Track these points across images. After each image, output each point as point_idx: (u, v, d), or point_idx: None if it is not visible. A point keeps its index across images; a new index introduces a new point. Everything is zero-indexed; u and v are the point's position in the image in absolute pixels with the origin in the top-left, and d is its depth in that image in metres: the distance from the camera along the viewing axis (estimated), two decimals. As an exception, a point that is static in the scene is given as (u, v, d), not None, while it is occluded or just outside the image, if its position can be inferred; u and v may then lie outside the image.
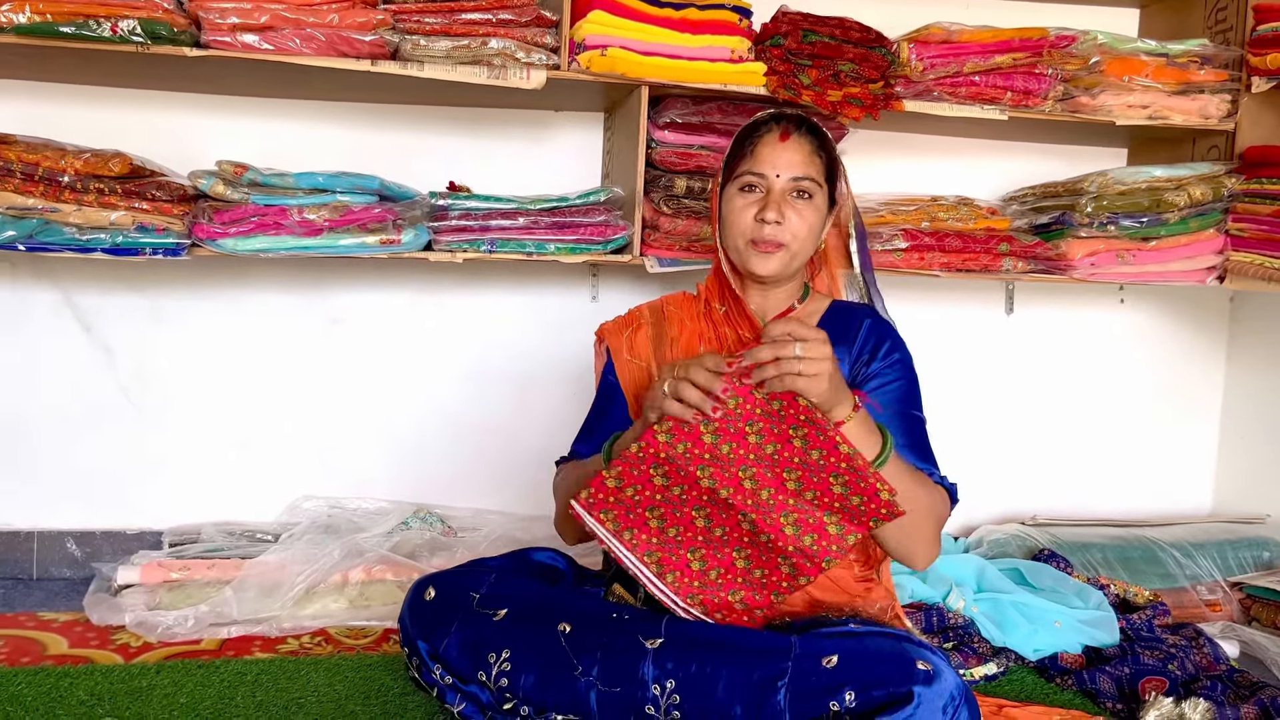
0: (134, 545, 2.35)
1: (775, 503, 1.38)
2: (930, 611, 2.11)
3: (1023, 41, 2.33)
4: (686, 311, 1.72)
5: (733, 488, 1.37)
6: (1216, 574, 2.49)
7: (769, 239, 1.58)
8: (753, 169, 1.60)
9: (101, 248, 1.95)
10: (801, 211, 1.59)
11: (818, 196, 1.61)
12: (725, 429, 1.35)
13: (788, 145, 1.60)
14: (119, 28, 1.91)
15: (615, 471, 1.38)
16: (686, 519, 1.42)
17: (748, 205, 1.60)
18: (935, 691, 1.31)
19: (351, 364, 2.48)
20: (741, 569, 1.43)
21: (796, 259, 1.62)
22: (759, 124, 1.63)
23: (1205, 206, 2.42)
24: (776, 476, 1.37)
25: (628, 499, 1.40)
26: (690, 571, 1.44)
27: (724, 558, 1.43)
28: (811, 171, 1.60)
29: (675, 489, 1.39)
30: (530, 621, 1.54)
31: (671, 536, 1.43)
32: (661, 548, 1.43)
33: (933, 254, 2.36)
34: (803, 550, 1.38)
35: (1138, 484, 2.89)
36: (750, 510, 1.38)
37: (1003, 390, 2.82)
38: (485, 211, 2.18)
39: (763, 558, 1.42)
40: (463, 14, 2.08)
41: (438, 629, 1.58)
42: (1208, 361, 2.90)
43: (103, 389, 2.36)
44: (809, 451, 1.34)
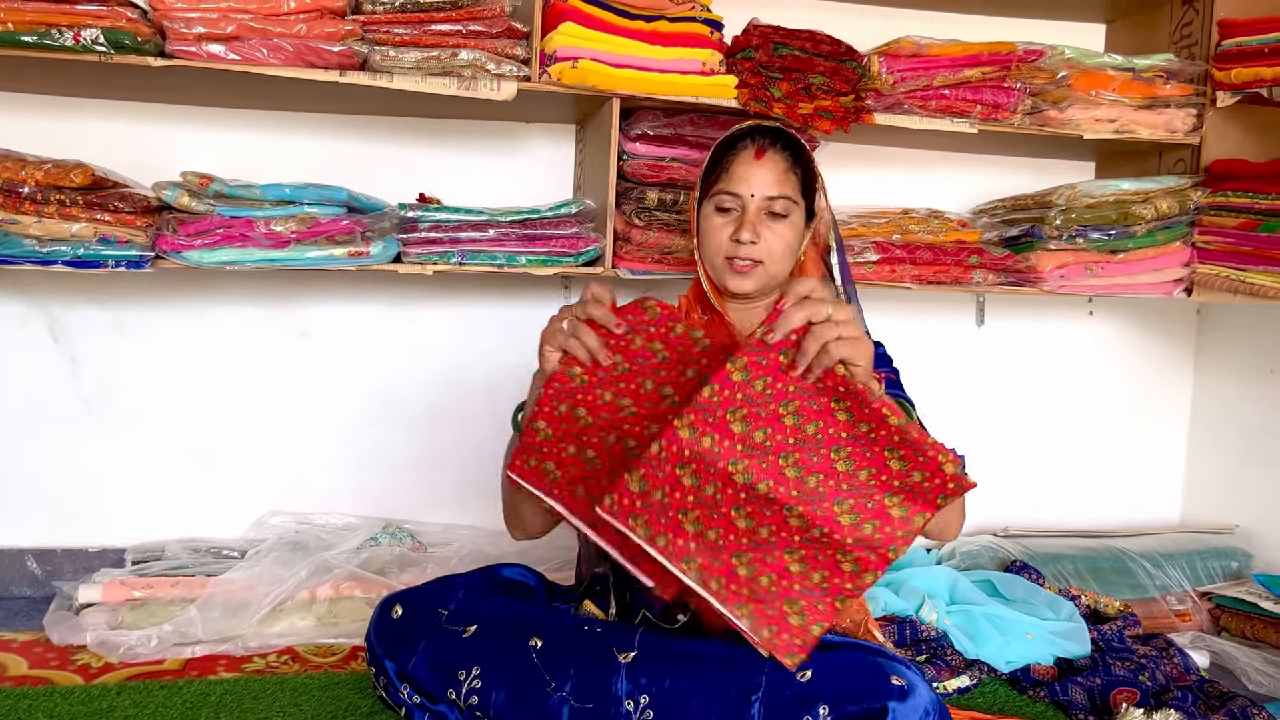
0: (96, 563, 2.30)
1: (826, 489, 1.22)
2: (903, 624, 2.11)
3: (991, 56, 2.34)
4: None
5: (773, 479, 1.22)
6: (1186, 584, 2.51)
7: (745, 257, 1.58)
8: (728, 188, 1.60)
9: (63, 260, 1.92)
10: (776, 230, 1.60)
11: (794, 213, 1.61)
12: (755, 414, 1.21)
13: (762, 163, 1.60)
14: (81, 37, 1.88)
15: (638, 475, 1.23)
16: (726, 520, 1.26)
17: (724, 224, 1.60)
18: (909, 706, 1.31)
19: (319, 377, 2.45)
20: (797, 573, 1.26)
21: (774, 276, 1.62)
22: (735, 139, 1.63)
23: (1172, 219, 2.44)
24: (824, 459, 1.22)
25: (656, 503, 1.24)
26: (737, 578, 1.26)
27: (775, 562, 1.26)
28: (786, 189, 1.60)
29: (708, 488, 1.25)
30: (500, 638, 1.52)
31: (712, 540, 1.26)
32: (702, 552, 1.26)
33: (904, 266, 2.37)
34: (864, 541, 1.22)
35: (1108, 495, 2.91)
36: (797, 502, 1.22)
37: (974, 402, 2.83)
38: (455, 223, 2.16)
39: (819, 557, 1.25)
40: (433, 25, 2.07)
41: (405, 647, 1.57)
42: (1176, 372, 2.93)
43: (65, 402, 2.32)
44: (857, 425, 1.20)
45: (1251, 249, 2.31)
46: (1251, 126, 2.48)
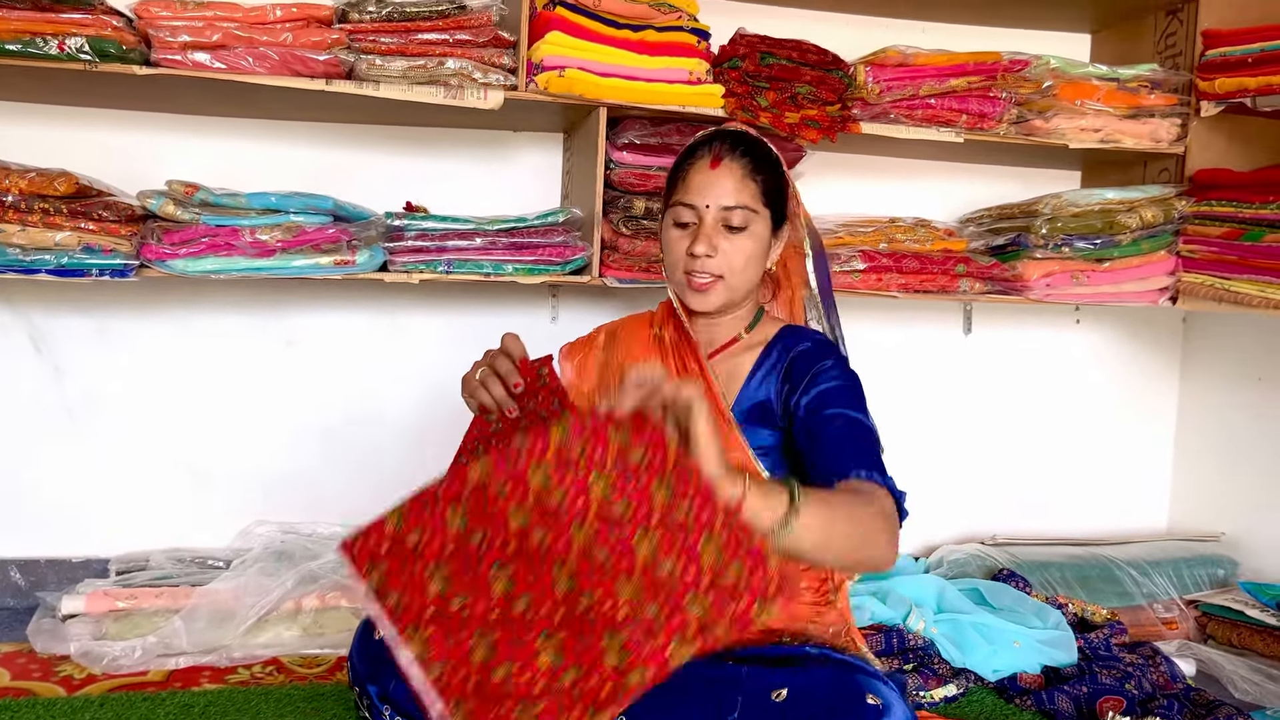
0: (80, 573, 2.29)
1: (611, 567, 0.97)
2: (890, 633, 2.11)
3: (977, 65, 2.35)
4: (637, 337, 1.67)
5: (554, 533, 0.98)
6: (1173, 592, 2.51)
7: (702, 271, 1.51)
8: (684, 199, 1.52)
9: (46, 269, 1.91)
10: (735, 241, 1.51)
11: (754, 223, 1.53)
12: (560, 475, 0.97)
13: (719, 172, 1.52)
14: (66, 45, 1.88)
15: (399, 510, 1.00)
16: (482, 581, 0.99)
17: (681, 237, 1.53)
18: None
19: (306, 386, 2.44)
20: (545, 667, 0.97)
21: (737, 290, 1.54)
22: (695, 148, 1.56)
23: (1157, 228, 2.45)
24: (622, 540, 0.98)
25: (407, 549, 0.99)
26: (468, 664, 0.99)
27: (523, 647, 0.98)
28: (744, 198, 1.51)
29: (475, 535, 0.99)
30: None
31: (454, 609, 0.99)
32: (435, 621, 1.00)
33: (890, 275, 2.37)
34: (643, 622, 0.96)
35: (1095, 502, 2.91)
36: (574, 560, 0.98)
37: (962, 410, 2.83)
38: (442, 232, 2.16)
39: (579, 645, 0.98)
40: (419, 34, 2.07)
41: (387, 669, 1.52)
42: (1162, 381, 2.94)
43: (49, 412, 2.31)
44: (676, 506, 0.97)
45: (1236, 258, 2.33)
46: (1235, 136, 2.49)
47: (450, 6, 2.07)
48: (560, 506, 0.97)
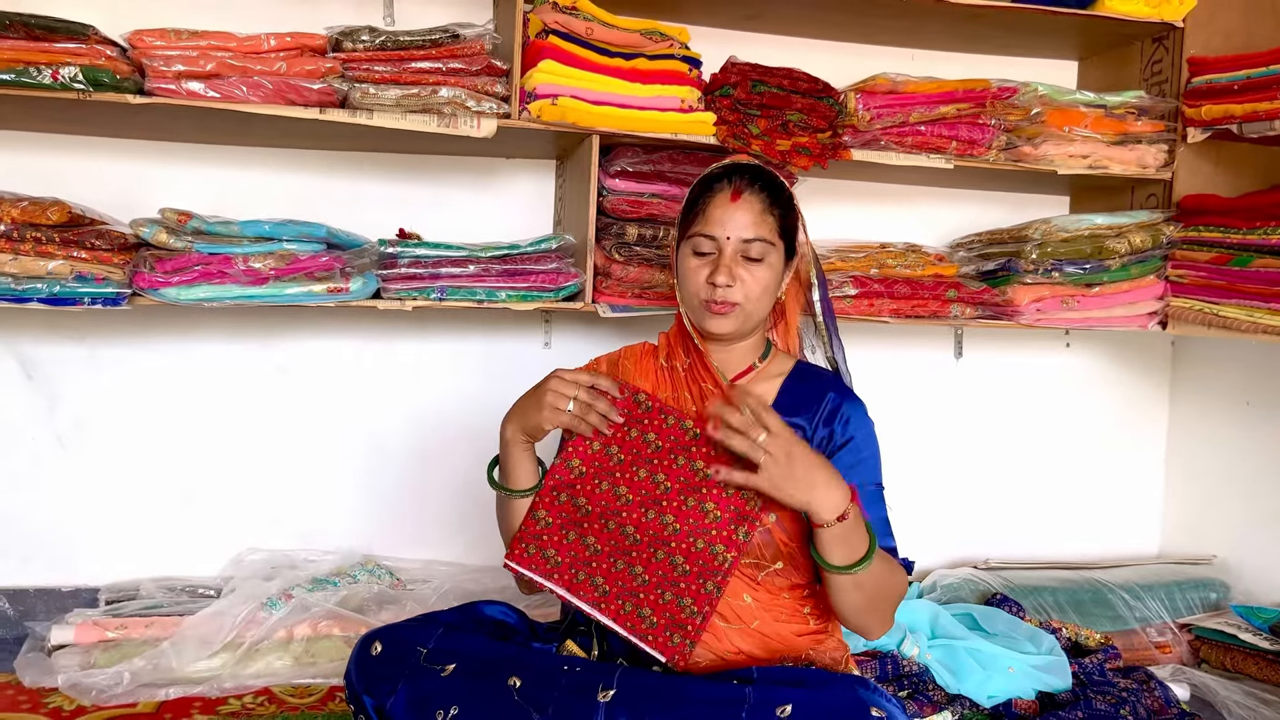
0: (69, 603, 2.27)
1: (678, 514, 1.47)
2: (885, 659, 2.10)
3: (966, 92, 2.37)
4: (643, 368, 1.69)
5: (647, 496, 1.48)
6: (1165, 615, 2.52)
7: (721, 300, 1.57)
8: (704, 230, 1.58)
9: (38, 298, 1.90)
10: (754, 271, 1.58)
11: (771, 255, 1.60)
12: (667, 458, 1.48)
13: (739, 205, 1.58)
14: (60, 75, 1.88)
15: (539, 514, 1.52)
16: (604, 532, 1.50)
17: (701, 266, 1.59)
18: None
19: (298, 413, 2.44)
20: (662, 561, 1.47)
21: (752, 317, 1.60)
22: (712, 180, 1.62)
23: (1145, 253, 2.47)
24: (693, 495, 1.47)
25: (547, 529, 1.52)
26: (613, 573, 1.49)
27: (641, 558, 1.48)
28: (763, 231, 1.58)
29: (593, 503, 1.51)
30: (479, 677, 1.50)
31: (589, 552, 1.50)
32: (580, 561, 1.51)
33: (882, 300, 2.39)
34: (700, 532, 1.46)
35: (1087, 526, 2.92)
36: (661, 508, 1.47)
37: (953, 434, 2.84)
38: (435, 259, 2.16)
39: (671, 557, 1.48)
40: (412, 62, 2.08)
41: (384, 685, 1.54)
42: (1152, 405, 2.95)
43: (38, 439, 2.30)
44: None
45: (1224, 283, 2.34)
46: (1222, 161, 2.52)
47: (443, 35, 2.08)
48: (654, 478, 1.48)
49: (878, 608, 1.50)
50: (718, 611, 1.55)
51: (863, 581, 1.42)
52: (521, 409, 1.58)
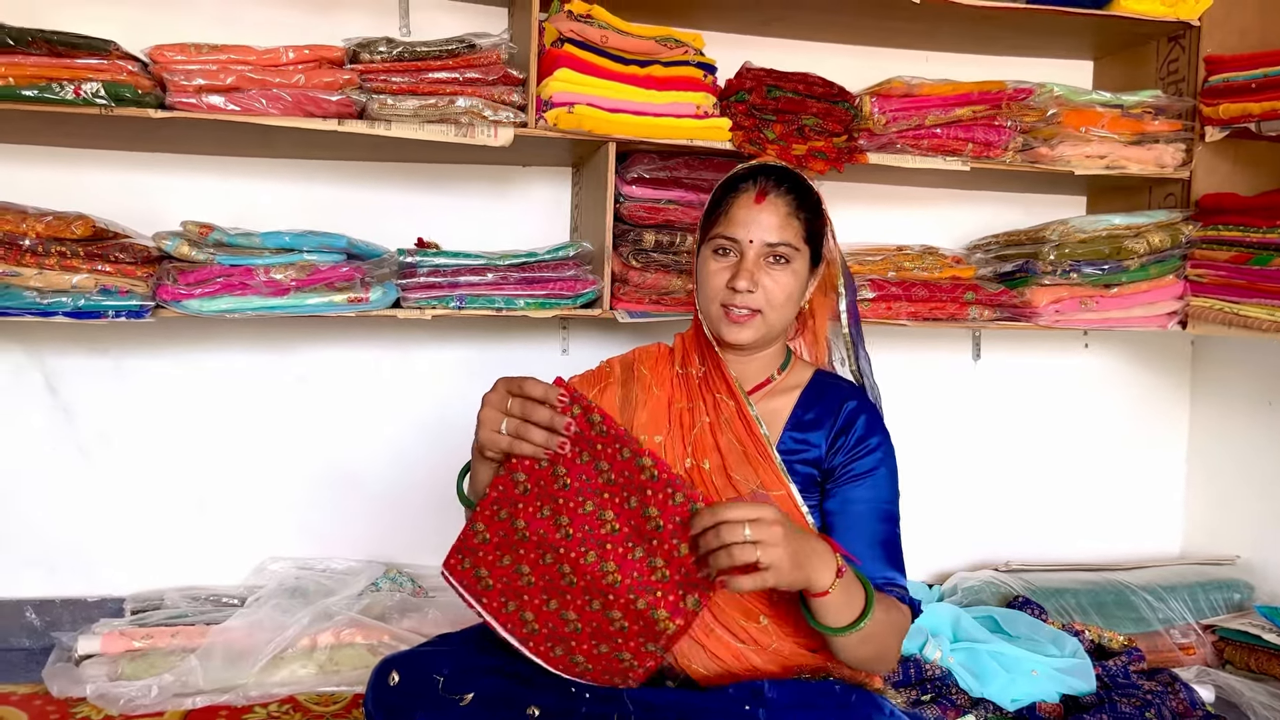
0: (95, 613, 2.29)
1: (622, 557, 1.32)
2: (907, 664, 2.10)
3: (982, 94, 2.37)
4: (659, 373, 1.64)
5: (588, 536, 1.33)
6: (1189, 616, 2.50)
7: (741, 306, 1.51)
8: (726, 233, 1.52)
9: (63, 311, 1.92)
10: (777, 278, 1.52)
11: (796, 260, 1.53)
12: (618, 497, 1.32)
13: (763, 207, 1.52)
14: (82, 90, 1.90)
15: (476, 525, 1.38)
16: (539, 563, 1.36)
17: (721, 270, 1.53)
18: None
19: (319, 422, 2.45)
20: (597, 612, 1.34)
21: (773, 327, 1.54)
22: (737, 180, 1.56)
23: (1164, 253, 2.46)
24: (636, 541, 1.32)
25: (483, 545, 1.38)
26: (545, 613, 1.37)
27: (577, 602, 1.35)
28: (788, 236, 1.52)
29: (532, 530, 1.35)
30: (498, 706, 1.47)
31: (522, 582, 1.38)
32: (512, 590, 1.38)
33: (900, 304, 2.38)
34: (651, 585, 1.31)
35: (1108, 527, 2.91)
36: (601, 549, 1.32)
37: (973, 436, 2.83)
38: (454, 268, 2.17)
39: (612, 601, 1.34)
40: (429, 73, 2.09)
41: (403, 716, 1.53)
42: (1172, 404, 2.94)
43: (62, 452, 2.32)
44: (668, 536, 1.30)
45: (1244, 282, 2.33)
46: (1240, 160, 2.51)
47: (460, 46, 2.09)
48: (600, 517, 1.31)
49: (884, 653, 1.42)
50: (731, 632, 1.52)
51: (868, 635, 1.33)
52: (478, 422, 1.41)
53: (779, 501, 1.50)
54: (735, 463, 1.54)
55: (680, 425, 1.57)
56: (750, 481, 1.53)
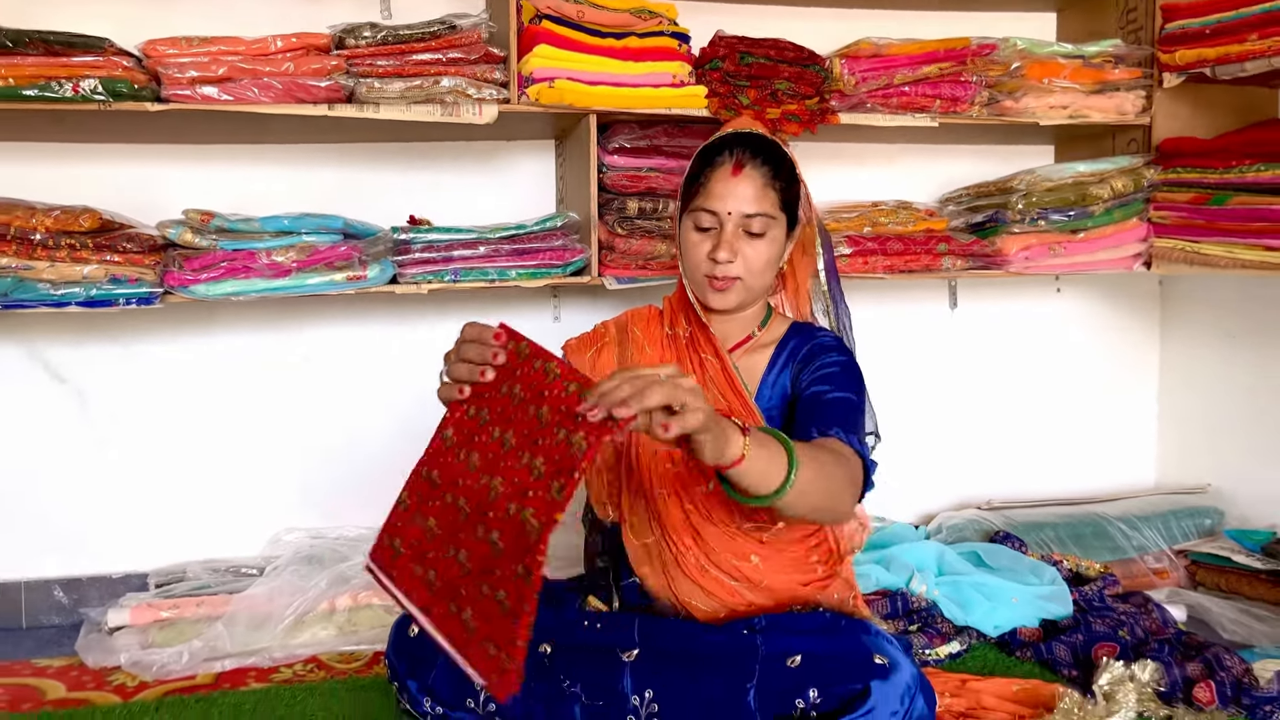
0: (120, 589, 2.39)
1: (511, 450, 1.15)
2: (895, 597, 2.22)
3: (947, 52, 2.46)
4: (650, 333, 1.74)
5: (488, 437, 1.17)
6: (1162, 543, 2.63)
7: (722, 275, 1.59)
8: (705, 205, 1.60)
9: (76, 301, 2.01)
10: (755, 246, 1.60)
11: (772, 229, 1.61)
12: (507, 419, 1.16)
13: (740, 179, 1.59)
14: (80, 87, 1.97)
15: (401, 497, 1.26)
16: (446, 507, 1.20)
17: (702, 241, 1.61)
18: (891, 684, 1.39)
19: (324, 397, 2.55)
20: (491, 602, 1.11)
21: (753, 291, 1.63)
22: (713, 151, 1.63)
23: (1128, 197, 2.56)
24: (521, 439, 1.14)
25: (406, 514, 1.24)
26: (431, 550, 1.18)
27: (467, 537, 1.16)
28: (765, 206, 1.59)
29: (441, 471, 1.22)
30: None
31: (429, 535, 1.20)
32: (416, 546, 1.20)
33: (876, 257, 2.48)
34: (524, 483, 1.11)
35: (1085, 463, 3.03)
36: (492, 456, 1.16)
37: (952, 382, 2.94)
38: (447, 243, 2.26)
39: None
40: (414, 55, 2.16)
41: (423, 664, 1.61)
42: (1143, 342, 3.05)
43: (79, 438, 2.41)
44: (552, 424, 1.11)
45: (1203, 222, 2.44)
46: (1199, 104, 2.60)
47: (441, 27, 2.17)
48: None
49: (832, 503, 1.37)
50: (725, 571, 1.62)
51: (803, 487, 1.26)
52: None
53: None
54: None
55: None
56: None
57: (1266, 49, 2.25)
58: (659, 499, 1.67)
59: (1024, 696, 1.89)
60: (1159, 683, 1.88)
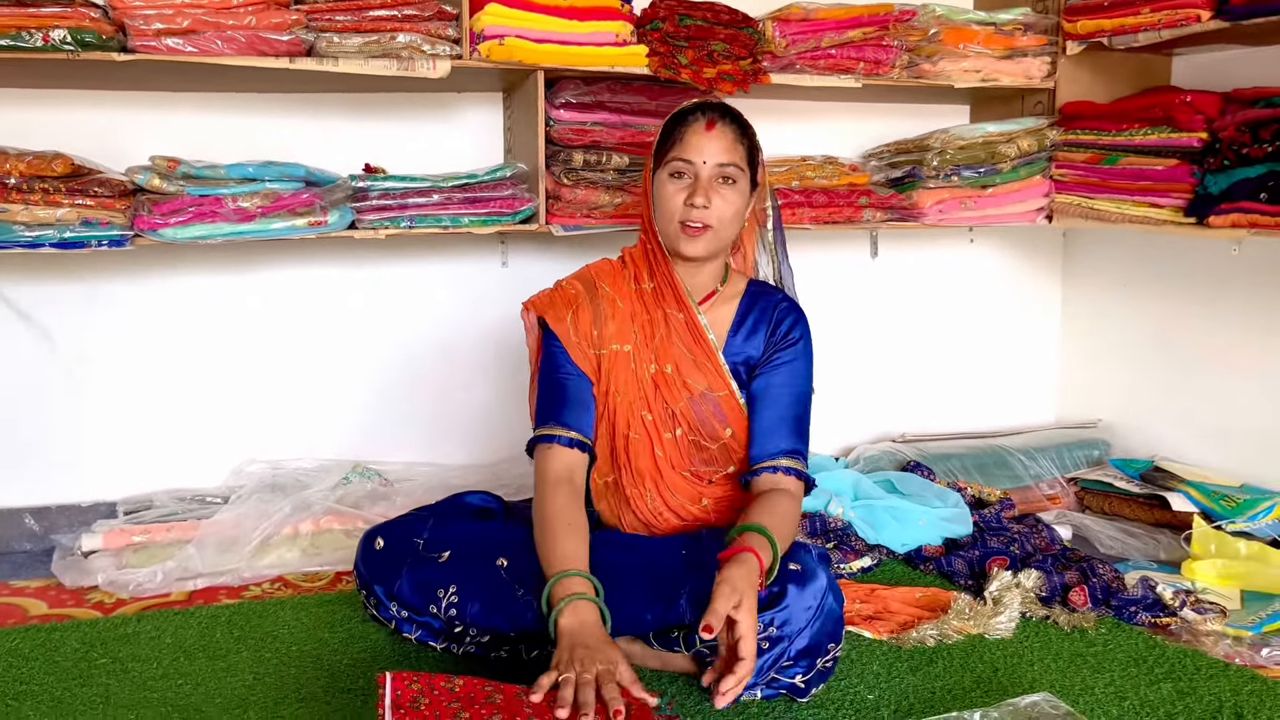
0: (89, 516, 2.52)
1: None
2: (814, 518, 2.45)
3: (871, 17, 2.64)
4: (618, 288, 1.89)
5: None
6: (1055, 472, 2.90)
7: (696, 221, 1.76)
8: (682, 155, 1.77)
9: (50, 243, 2.11)
10: (726, 196, 1.77)
11: (741, 181, 1.79)
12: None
13: (713, 134, 1.77)
14: (50, 37, 2.06)
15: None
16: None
17: (678, 191, 1.77)
18: (808, 589, 1.62)
19: (285, 336, 2.67)
20: None
21: (721, 240, 1.81)
22: (686, 113, 1.80)
23: (1032, 156, 2.79)
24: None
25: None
26: None
27: None
28: (735, 158, 1.78)
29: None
30: (471, 560, 1.77)
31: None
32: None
33: (803, 209, 2.68)
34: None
35: (990, 400, 3.29)
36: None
37: (872, 325, 3.17)
38: (403, 190, 2.39)
39: None
40: (370, 11, 2.27)
41: (389, 574, 1.80)
42: (1047, 290, 3.31)
43: (48, 373, 2.51)
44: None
45: (1097, 180, 2.67)
46: (1099, 71, 2.82)
47: (396, -16, 2.28)
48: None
49: (793, 533, 1.75)
50: (678, 515, 1.85)
51: (782, 547, 1.65)
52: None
53: (723, 401, 1.84)
54: (687, 368, 1.85)
55: (644, 334, 1.86)
56: (699, 384, 1.84)
57: (1157, 22, 2.48)
58: (633, 441, 1.85)
59: (925, 601, 2.14)
60: (1040, 589, 2.13)
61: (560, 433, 1.79)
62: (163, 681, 1.78)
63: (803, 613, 1.61)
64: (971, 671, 1.83)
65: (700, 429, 1.85)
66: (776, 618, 1.57)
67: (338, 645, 1.93)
